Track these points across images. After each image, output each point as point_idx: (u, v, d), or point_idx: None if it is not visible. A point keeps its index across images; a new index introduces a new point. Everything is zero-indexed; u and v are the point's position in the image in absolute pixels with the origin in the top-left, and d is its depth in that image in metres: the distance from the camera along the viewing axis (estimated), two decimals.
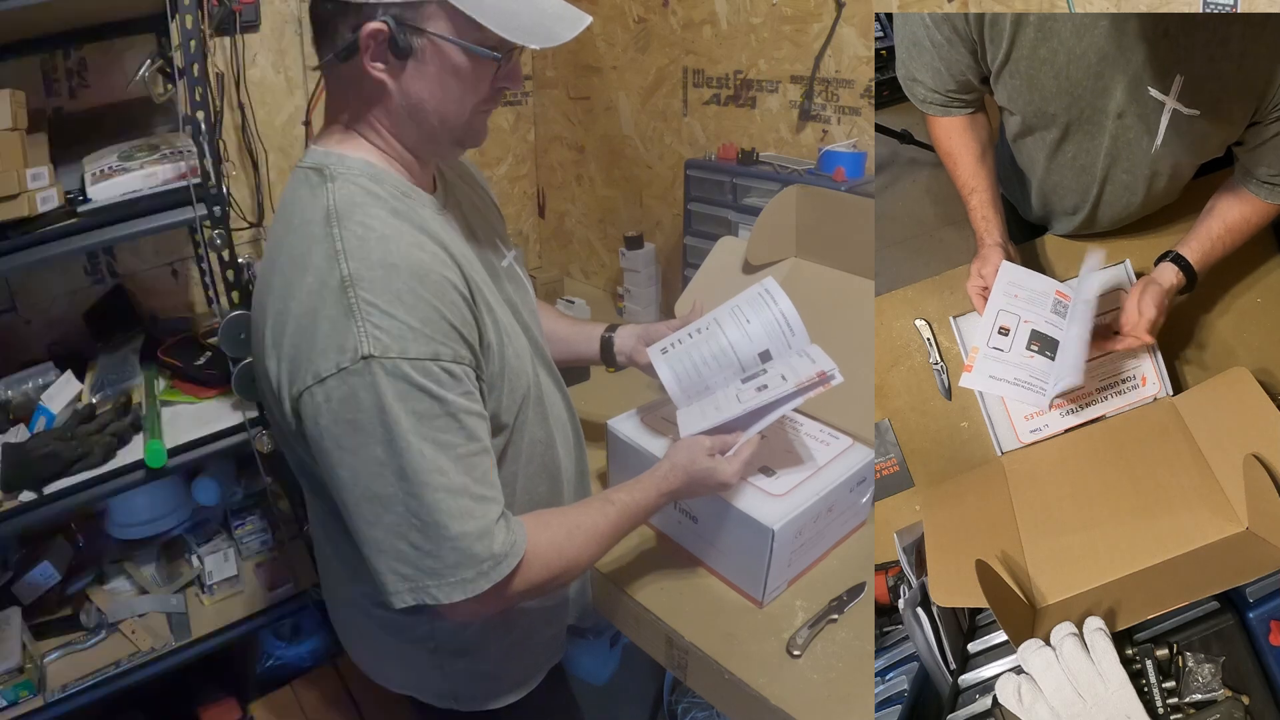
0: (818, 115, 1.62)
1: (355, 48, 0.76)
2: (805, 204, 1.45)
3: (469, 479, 0.77)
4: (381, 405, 0.72)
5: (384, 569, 0.77)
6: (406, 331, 0.73)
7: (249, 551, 1.83)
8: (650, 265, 1.96)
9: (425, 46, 0.77)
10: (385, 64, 0.78)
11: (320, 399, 0.73)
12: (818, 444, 1.18)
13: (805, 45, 1.59)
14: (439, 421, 0.75)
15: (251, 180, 1.89)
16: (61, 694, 1.50)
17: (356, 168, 0.81)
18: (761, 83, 1.71)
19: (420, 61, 0.78)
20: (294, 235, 0.79)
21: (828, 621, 1.07)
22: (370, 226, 0.76)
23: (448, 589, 0.76)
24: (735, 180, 1.65)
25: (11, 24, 1.32)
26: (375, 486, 0.74)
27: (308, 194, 0.80)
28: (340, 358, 0.72)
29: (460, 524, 0.75)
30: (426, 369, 0.74)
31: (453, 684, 1.01)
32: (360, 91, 0.81)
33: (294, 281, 0.75)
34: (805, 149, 1.67)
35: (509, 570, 0.79)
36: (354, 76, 0.79)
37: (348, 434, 0.73)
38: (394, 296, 0.73)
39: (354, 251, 0.74)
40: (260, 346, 0.80)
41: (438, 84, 0.79)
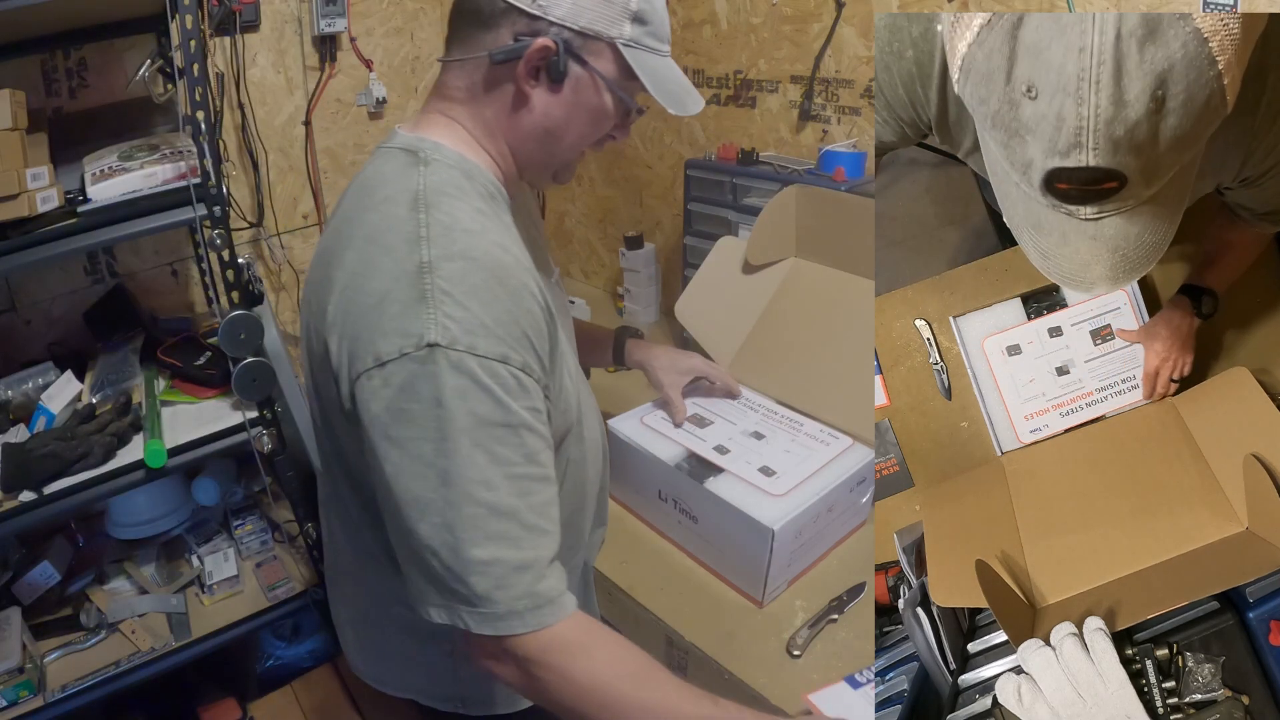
0: (818, 115, 1.62)
1: (517, 55, 0.75)
2: (805, 204, 1.45)
3: (521, 503, 0.70)
4: (439, 398, 0.67)
5: (418, 577, 0.72)
6: (478, 326, 0.69)
7: (249, 551, 1.83)
8: (650, 265, 1.96)
9: (581, 78, 0.78)
10: (536, 80, 0.78)
11: (377, 383, 0.69)
12: (818, 444, 1.18)
13: (805, 45, 1.59)
14: (498, 431, 0.69)
15: (251, 180, 1.89)
16: (61, 694, 1.50)
17: (451, 159, 0.79)
18: (761, 83, 1.71)
19: (572, 90, 0.78)
20: (374, 213, 0.76)
21: (828, 621, 1.07)
22: (457, 217, 0.74)
23: (477, 619, 0.70)
24: (735, 180, 1.65)
25: (11, 24, 1.32)
26: (416, 488, 0.69)
27: (395, 173, 0.78)
28: (404, 342, 0.68)
29: (496, 549, 0.69)
30: (494, 370, 0.69)
31: (463, 688, 0.98)
32: (497, 96, 0.80)
33: (370, 260, 0.72)
34: (805, 149, 1.67)
35: (549, 622, 0.71)
36: (496, 80, 0.78)
37: (399, 425, 0.69)
38: (470, 289, 0.70)
39: (437, 239, 0.71)
40: (320, 320, 0.76)
41: (574, 115, 0.80)
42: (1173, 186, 0.65)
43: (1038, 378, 1.15)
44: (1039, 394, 1.14)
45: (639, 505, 1.29)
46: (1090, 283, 0.69)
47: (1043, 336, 1.16)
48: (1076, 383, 1.14)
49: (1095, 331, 1.14)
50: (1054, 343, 1.15)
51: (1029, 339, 1.16)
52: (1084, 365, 1.14)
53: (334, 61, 1.96)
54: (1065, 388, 1.14)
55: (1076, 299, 1.16)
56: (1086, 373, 1.14)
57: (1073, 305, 1.16)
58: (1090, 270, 0.68)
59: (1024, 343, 1.16)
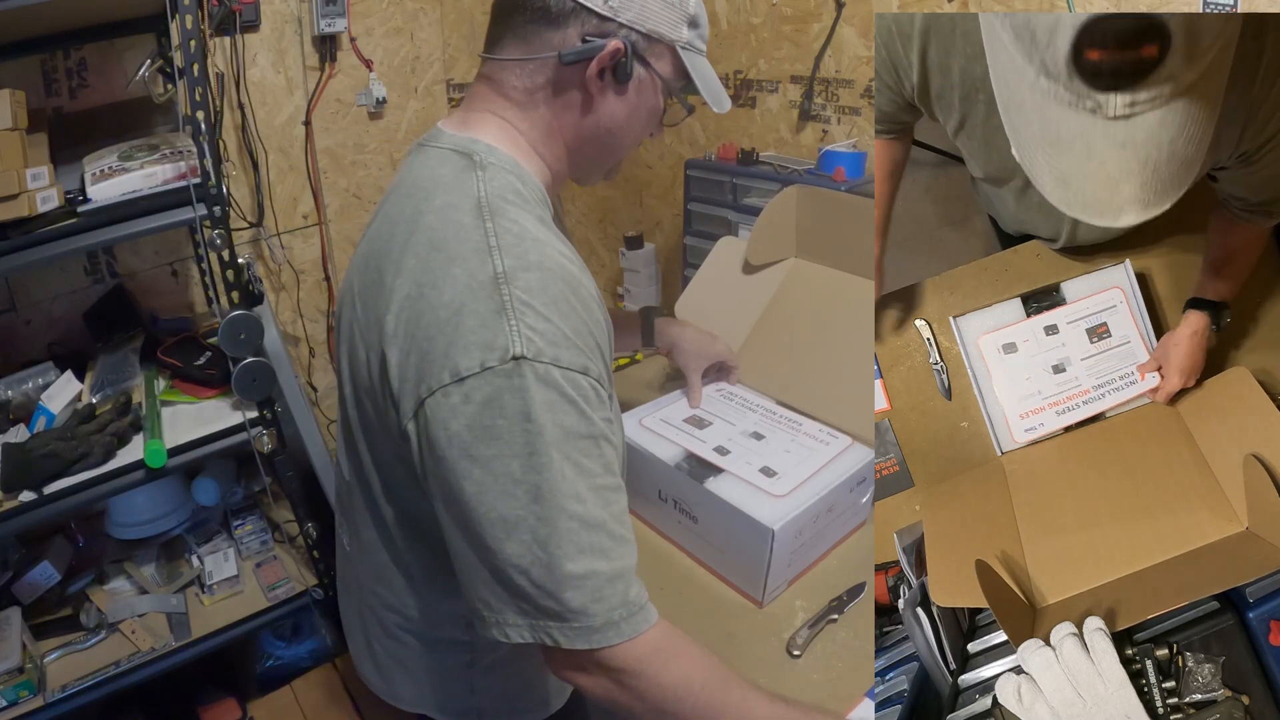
0: (818, 115, 1.62)
1: (590, 55, 0.75)
2: (805, 204, 1.45)
3: (606, 514, 0.69)
4: (528, 413, 0.65)
5: (497, 597, 0.69)
6: (561, 338, 0.67)
7: (249, 551, 1.83)
8: (650, 265, 1.96)
9: (643, 80, 0.79)
10: (603, 81, 0.77)
11: (457, 400, 0.66)
12: (817, 444, 1.18)
13: (805, 45, 1.59)
14: (583, 444, 0.68)
15: (251, 180, 1.89)
16: (61, 694, 1.50)
17: (507, 163, 0.77)
18: (761, 83, 1.71)
19: (635, 92, 0.79)
20: (435, 217, 0.73)
21: (828, 621, 1.07)
22: (525, 226, 0.72)
23: (571, 634, 0.68)
24: (735, 180, 1.65)
25: (11, 24, 1.32)
26: (503, 506, 0.66)
27: (451, 177, 0.75)
28: (487, 356, 0.65)
29: (590, 562, 0.67)
30: (577, 382, 0.68)
31: (480, 699, 0.97)
32: (559, 96, 0.79)
33: (437, 269, 0.69)
34: (805, 149, 1.67)
35: (643, 628, 0.70)
36: (562, 81, 0.78)
37: (483, 442, 0.66)
38: (550, 300, 0.68)
39: (509, 248, 0.69)
40: (375, 331, 0.73)
41: (634, 116, 0.81)
42: (1209, 82, 0.58)
43: (1034, 375, 1.15)
44: (1034, 392, 1.14)
45: (639, 505, 1.28)
46: (1118, 208, 0.62)
47: (1039, 334, 1.16)
48: (1073, 381, 1.14)
49: (1092, 329, 1.14)
50: (1050, 340, 1.15)
51: (1025, 337, 1.16)
52: (1080, 363, 1.14)
53: (334, 61, 1.96)
54: (1061, 386, 1.14)
55: (1077, 295, 1.16)
56: (1083, 370, 1.14)
57: (1070, 303, 1.16)
58: (1119, 191, 0.61)
59: (1020, 340, 1.16)
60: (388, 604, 0.94)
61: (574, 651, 0.69)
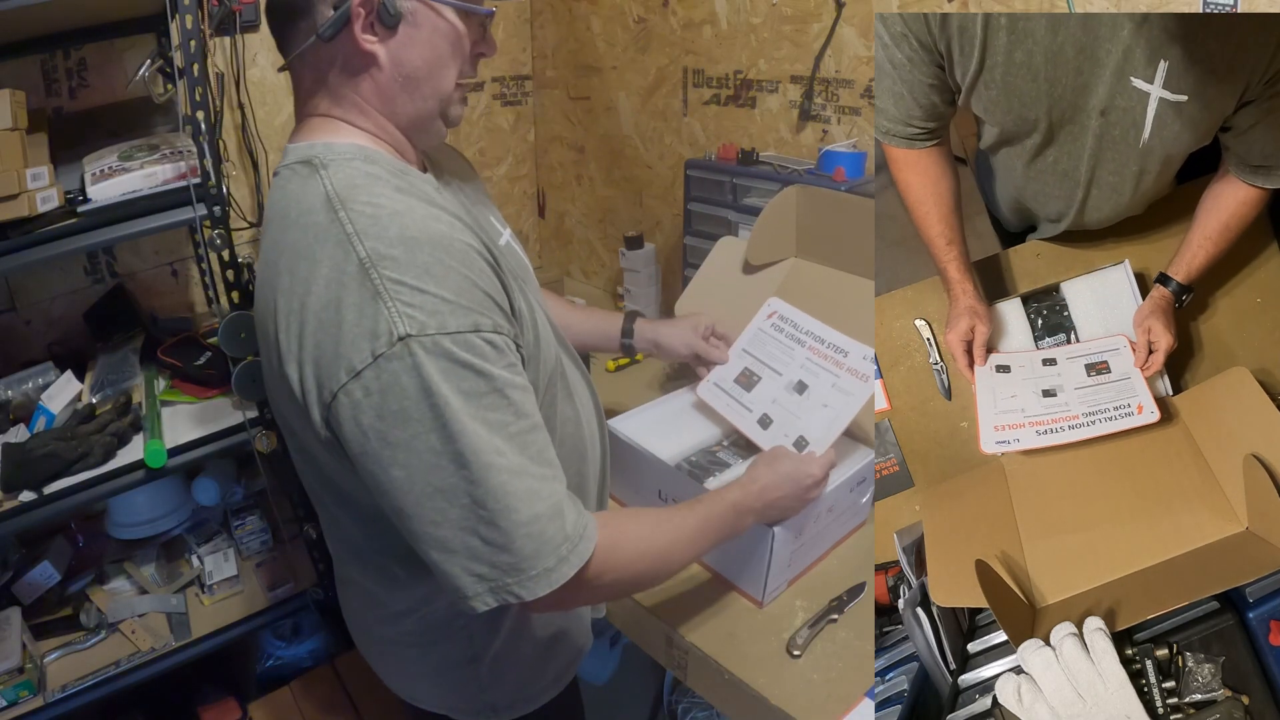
0: (818, 115, 1.62)
1: (345, 19, 0.74)
2: (805, 204, 1.45)
3: (525, 458, 0.72)
4: (427, 388, 0.67)
5: (458, 572, 0.71)
6: (441, 305, 0.68)
7: (249, 551, 1.83)
8: (650, 265, 1.96)
9: (416, 10, 0.77)
10: (376, 35, 0.76)
11: (359, 395, 0.67)
12: (858, 381, 1.16)
13: (805, 45, 1.59)
14: (487, 399, 0.70)
15: (251, 180, 1.89)
16: (61, 694, 1.50)
17: (347, 152, 0.78)
18: (761, 83, 1.71)
19: (412, 26, 0.77)
20: (293, 230, 0.74)
21: (828, 621, 1.07)
22: (379, 204, 0.72)
23: (530, 584, 0.71)
24: (735, 180, 1.65)
25: (11, 24, 1.32)
26: (435, 479, 0.69)
27: (299, 187, 0.76)
28: (375, 344, 0.66)
29: (529, 506, 0.70)
30: (468, 342, 0.69)
31: (491, 694, 0.98)
32: (346, 71, 0.78)
33: (304, 277, 0.70)
34: (805, 149, 1.67)
35: (588, 551, 0.75)
36: (339, 55, 0.77)
37: (396, 427, 0.68)
38: (421, 270, 0.68)
39: (367, 231, 0.69)
40: (273, 355, 0.75)
41: (429, 48, 0.78)
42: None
43: (1020, 394, 1.11)
44: (1017, 409, 1.10)
45: (639, 505, 1.28)
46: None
47: (1034, 363, 1.14)
48: (1062, 405, 1.08)
49: (1091, 365, 1.11)
50: (1046, 369, 1.13)
51: (1020, 364, 1.14)
52: (1074, 391, 1.10)
53: None
54: (1049, 408, 1.09)
55: (1085, 333, 1.15)
56: (1075, 398, 1.09)
57: (1074, 344, 1.16)
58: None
59: (1015, 365, 1.14)
60: (382, 608, 0.96)
61: (540, 598, 0.73)
